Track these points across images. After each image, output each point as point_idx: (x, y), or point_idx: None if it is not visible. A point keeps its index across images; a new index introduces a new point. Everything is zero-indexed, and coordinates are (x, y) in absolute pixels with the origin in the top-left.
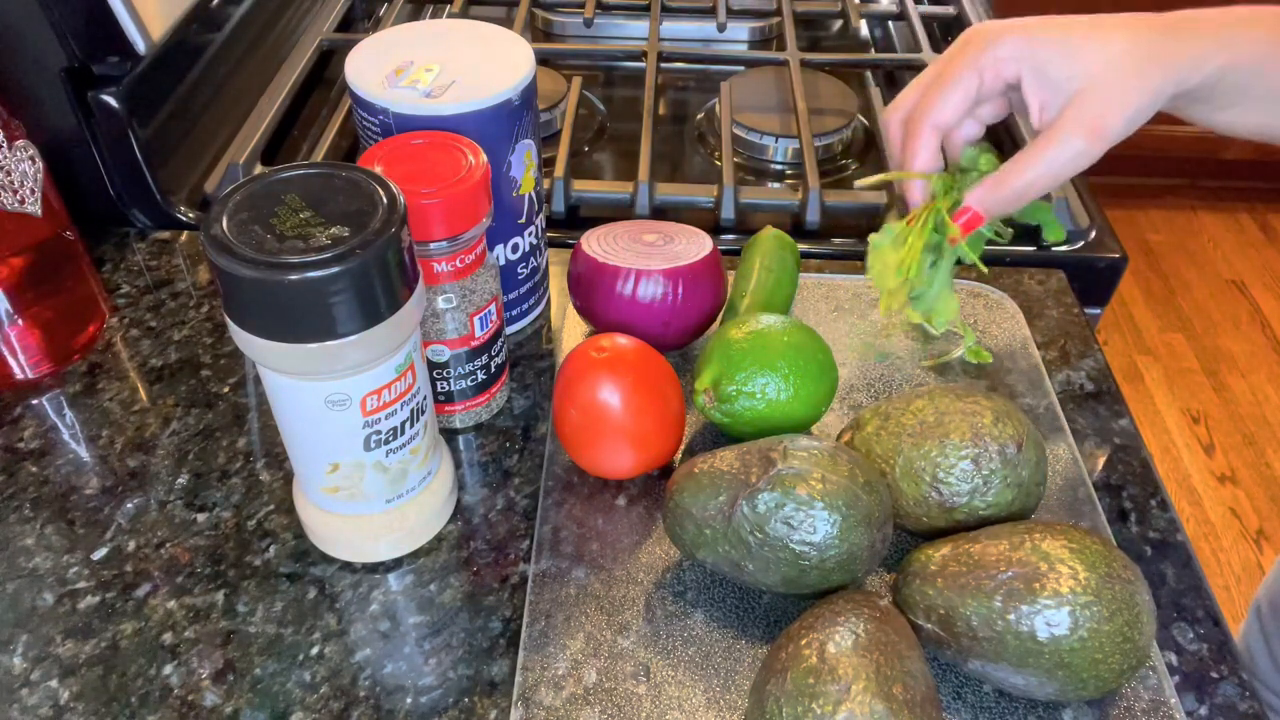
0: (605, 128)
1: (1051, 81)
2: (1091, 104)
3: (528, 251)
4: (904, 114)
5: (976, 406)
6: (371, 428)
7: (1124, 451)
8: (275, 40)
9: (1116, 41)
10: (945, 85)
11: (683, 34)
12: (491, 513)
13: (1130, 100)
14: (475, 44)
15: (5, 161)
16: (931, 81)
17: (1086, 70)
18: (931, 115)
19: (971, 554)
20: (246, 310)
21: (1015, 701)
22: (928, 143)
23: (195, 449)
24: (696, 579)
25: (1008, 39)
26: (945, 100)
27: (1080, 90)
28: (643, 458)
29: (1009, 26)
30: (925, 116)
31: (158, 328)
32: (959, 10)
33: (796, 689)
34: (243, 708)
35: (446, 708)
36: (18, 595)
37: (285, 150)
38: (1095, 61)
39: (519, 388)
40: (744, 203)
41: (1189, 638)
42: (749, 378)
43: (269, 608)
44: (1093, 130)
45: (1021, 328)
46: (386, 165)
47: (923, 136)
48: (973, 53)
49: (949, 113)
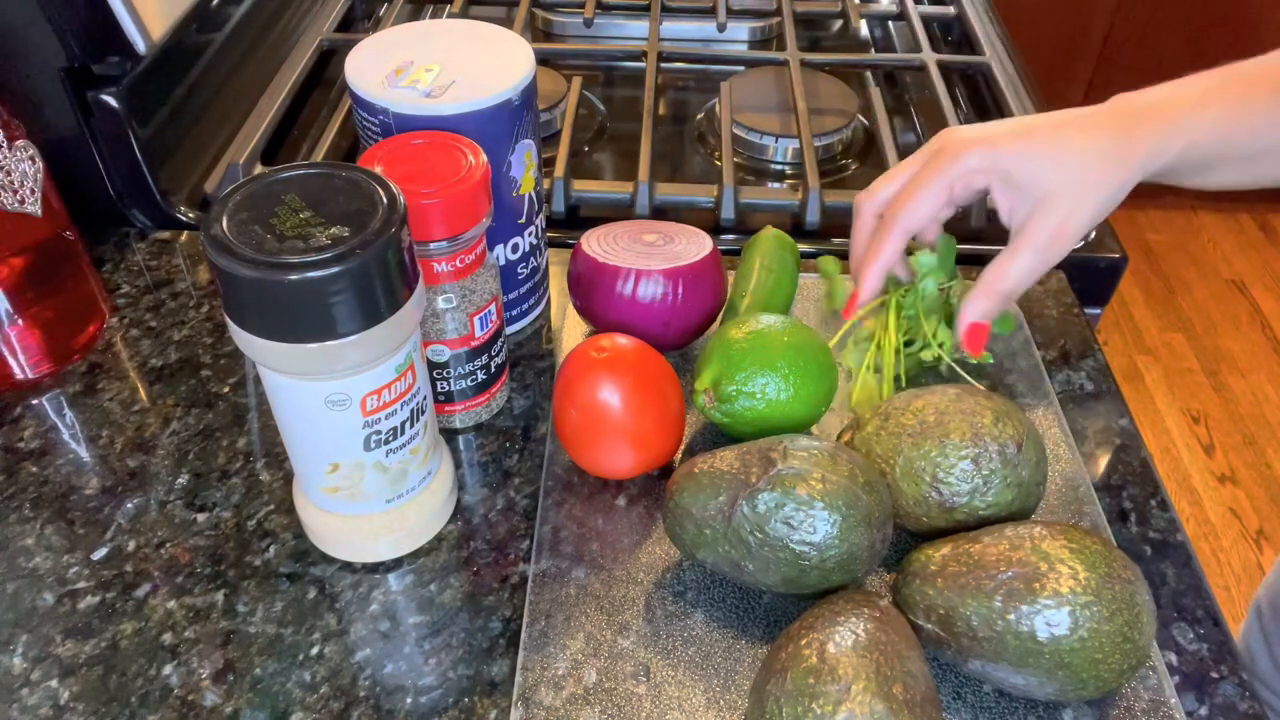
0: (605, 128)
1: (1017, 188)
2: (1054, 211)
3: (528, 251)
4: (874, 206)
5: (976, 406)
6: (371, 428)
7: (1124, 451)
8: (275, 40)
9: (1076, 149)
10: (918, 194)
11: (683, 34)
12: (491, 513)
13: (1089, 206)
14: (475, 44)
15: (5, 161)
16: (906, 188)
17: (1048, 179)
18: (903, 220)
19: (971, 554)
20: (246, 310)
21: (1015, 701)
22: (895, 242)
23: (195, 449)
24: (696, 579)
25: (974, 151)
26: (917, 208)
27: (1044, 197)
28: (643, 458)
29: (975, 139)
30: (897, 221)
31: (158, 328)
32: (959, 10)
33: (796, 689)
34: (243, 708)
35: (446, 708)
36: (18, 595)
37: (285, 150)
38: (1056, 171)
39: (519, 388)
40: (744, 203)
41: (1189, 638)
42: (749, 378)
43: (269, 608)
44: (1055, 236)
45: (1021, 328)
46: (386, 165)
47: (893, 235)
48: (944, 165)
49: (919, 219)
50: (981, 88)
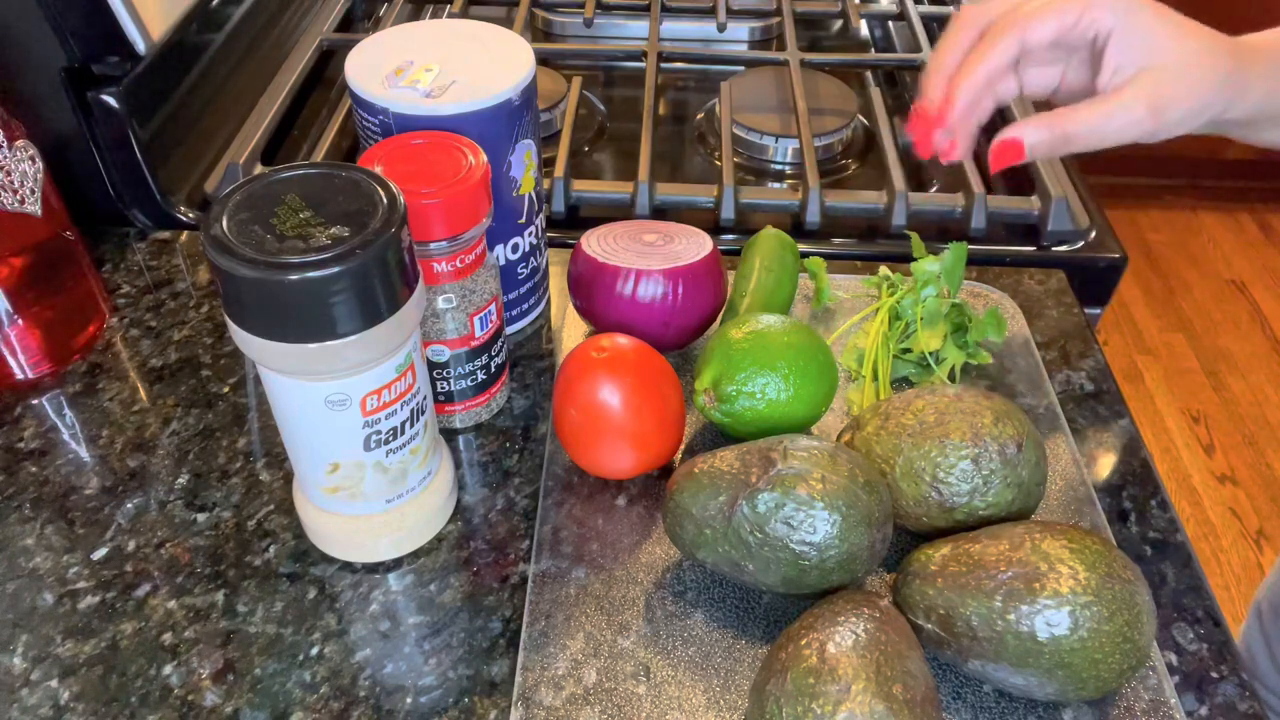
0: (605, 128)
1: (1135, 48)
2: (1162, 82)
3: (528, 251)
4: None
5: (976, 406)
6: (371, 428)
7: (1124, 451)
8: (275, 40)
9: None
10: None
11: (683, 34)
12: (491, 513)
13: (1196, 94)
14: (475, 44)
15: (5, 161)
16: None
17: (1169, 52)
18: (1025, 26)
19: (971, 554)
20: (246, 310)
21: (1015, 701)
22: (1008, 48)
23: (195, 449)
24: (696, 579)
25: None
26: (1047, 20)
27: (1156, 66)
28: (643, 458)
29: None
30: (1017, 25)
31: (158, 328)
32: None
33: (796, 689)
34: (243, 708)
35: (446, 708)
36: (18, 595)
37: (285, 150)
38: (1178, 48)
39: (519, 388)
40: (744, 203)
41: (1189, 638)
42: (749, 378)
43: (269, 608)
44: (1156, 107)
45: (1021, 328)
46: (386, 165)
47: (1007, 39)
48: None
49: (1044, 32)
50: None
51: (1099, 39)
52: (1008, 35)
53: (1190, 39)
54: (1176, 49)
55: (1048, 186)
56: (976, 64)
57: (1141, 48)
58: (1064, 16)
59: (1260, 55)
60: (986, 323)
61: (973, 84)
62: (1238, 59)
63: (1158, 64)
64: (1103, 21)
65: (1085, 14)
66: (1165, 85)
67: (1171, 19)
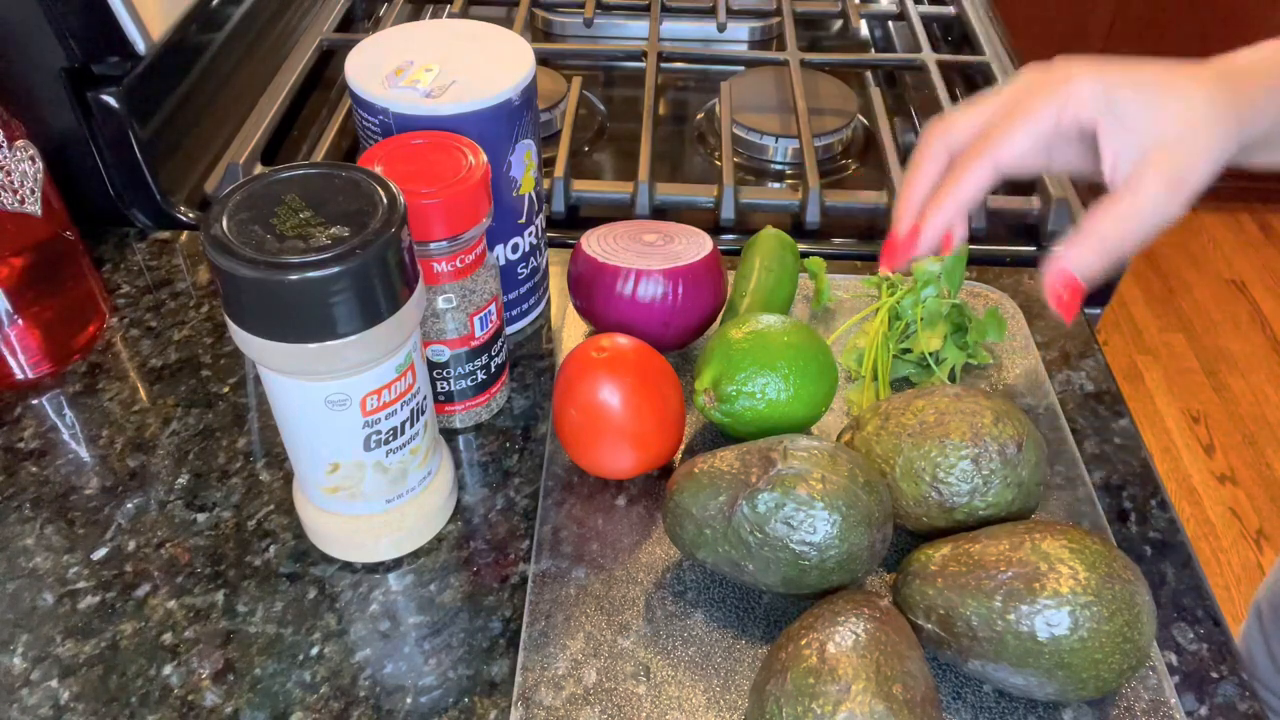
0: (605, 128)
1: (1129, 132)
2: (1174, 158)
3: (528, 251)
4: (949, 142)
5: (976, 406)
6: (371, 428)
7: (1124, 451)
8: (275, 40)
9: (1193, 96)
10: (1022, 122)
11: (683, 34)
12: (491, 513)
13: (1211, 155)
14: (475, 44)
15: (5, 161)
16: (1001, 113)
17: (1167, 124)
18: (997, 151)
19: (971, 554)
20: (246, 310)
21: (1015, 701)
22: (982, 176)
23: (195, 449)
24: (696, 579)
25: (1086, 81)
26: (1017, 137)
27: (1160, 144)
28: (643, 458)
29: (1085, 69)
30: (989, 151)
31: (158, 328)
32: (959, 10)
33: (796, 689)
34: (243, 708)
35: (446, 708)
36: (18, 595)
37: (285, 150)
38: (1176, 116)
39: (519, 388)
40: (744, 203)
41: (1189, 638)
42: (749, 378)
43: (269, 608)
44: (1175, 183)
45: (1021, 328)
46: (386, 165)
47: (980, 167)
48: (1052, 92)
49: (1017, 151)
50: (981, 88)
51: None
52: (980, 164)
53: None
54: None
55: (1048, 186)
56: (946, 199)
57: (1135, 129)
58: (1037, 128)
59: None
60: (986, 323)
61: (944, 219)
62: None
63: (1157, 140)
64: (1085, 111)
65: (1061, 118)
66: (1177, 158)
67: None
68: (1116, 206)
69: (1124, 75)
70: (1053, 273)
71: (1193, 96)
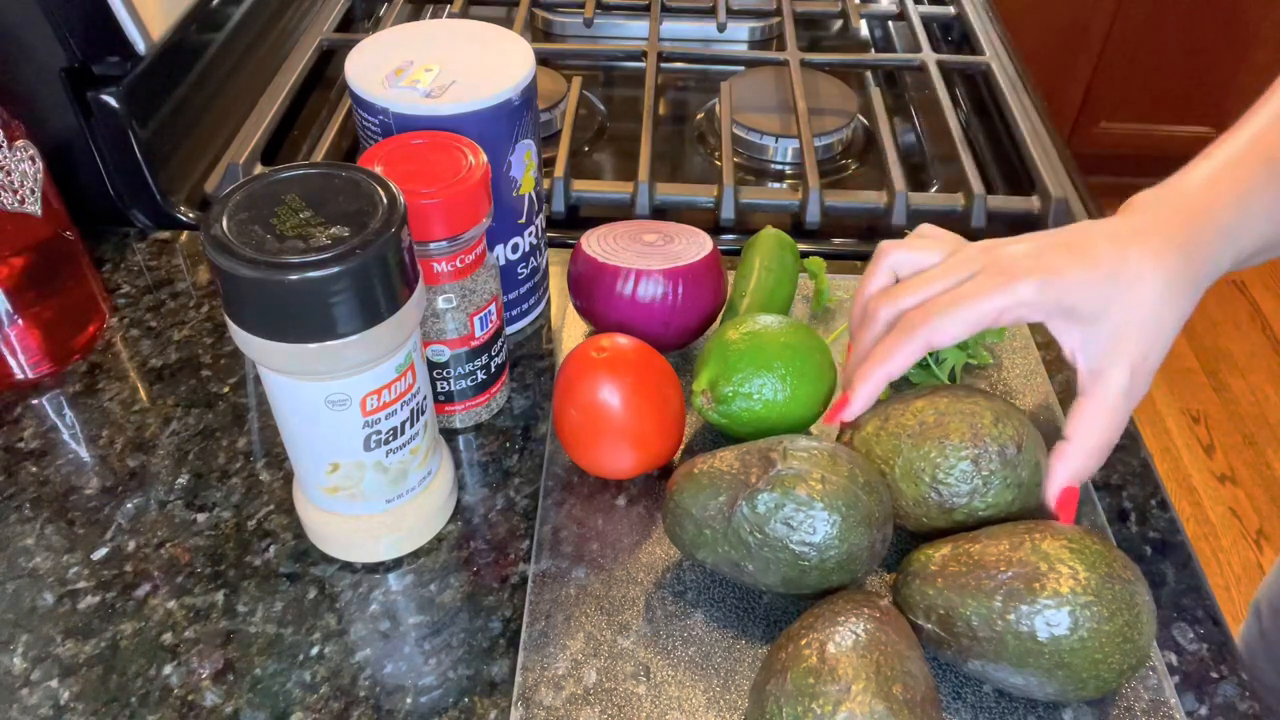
0: (605, 128)
1: (1082, 321)
2: (1139, 346)
3: (528, 251)
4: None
5: (976, 407)
6: (371, 428)
7: (1124, 451)
8: (275, 40)
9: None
10: (957, 313)
11: (683, 34)
12: (491, 513)
13: (1165, 337)
14: (475, 44)
15: (5, 161)
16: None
17: (1123, 315)
18: (929, 334)
19: (971, 554)
20: (246, 310)
21: (1015, 701)
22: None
23: (195, 449)
24: (696, 579)
25: (1032, 282)
26: (952, 328)
27: (1119, 336)
28: (643, 458)
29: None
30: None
31: (158, 328)
32: (959, 10)
33: (796, 689)
34: (243, 708)
35: (446, 708)
36: (18, 595)
37: (285, 150)
38: (1132, 306)
39: (519, 388)
40: (744, 203)
41: (1189, 638)
42: (746, 379)
43: (269, 608)
44: (1141, 372)
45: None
46: (386, 165)
47: (910, 345)
48: (994, 291)
49: (948, 339)
50: (981, 88)
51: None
52: (913, 343)
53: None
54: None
55: (1048, 186)
56: (877, 372)
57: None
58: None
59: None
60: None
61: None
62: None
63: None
64: (1031, 314)
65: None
66: (1142, 346)
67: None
68: (1095, 413)
69: (1074, 269)
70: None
71: (1145, 280)
